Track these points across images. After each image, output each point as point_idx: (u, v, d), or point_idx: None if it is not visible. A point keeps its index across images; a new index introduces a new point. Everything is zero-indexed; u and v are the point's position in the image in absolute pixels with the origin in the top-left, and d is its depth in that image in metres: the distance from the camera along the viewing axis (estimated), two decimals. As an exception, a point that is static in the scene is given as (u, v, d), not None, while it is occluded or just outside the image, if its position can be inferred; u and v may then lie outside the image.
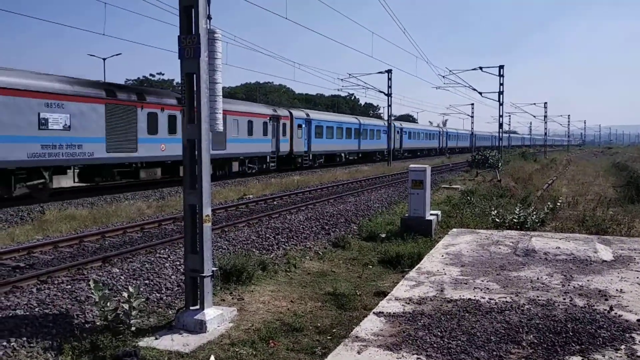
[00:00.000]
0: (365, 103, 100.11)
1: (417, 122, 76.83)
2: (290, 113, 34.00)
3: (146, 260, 9.42)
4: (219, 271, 8.10)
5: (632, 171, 34.82)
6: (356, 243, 11.95)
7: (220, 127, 6.78)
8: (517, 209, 13.15)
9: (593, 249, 8.73)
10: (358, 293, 7.98)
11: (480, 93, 41.95)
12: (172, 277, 8.61)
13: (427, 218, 12.44)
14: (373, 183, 26.24)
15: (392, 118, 48.29)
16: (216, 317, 6.46)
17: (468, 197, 18.53)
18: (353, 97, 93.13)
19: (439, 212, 13.77)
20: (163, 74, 67.57)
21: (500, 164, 32.76)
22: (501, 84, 39.42)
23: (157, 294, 7.80)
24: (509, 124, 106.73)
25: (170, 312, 7.05)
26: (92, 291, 6.20)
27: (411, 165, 13.26)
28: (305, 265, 9.87)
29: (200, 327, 6.28)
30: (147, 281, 8.32)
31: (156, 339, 6.05)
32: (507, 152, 56.02)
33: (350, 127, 42.31)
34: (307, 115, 36.37)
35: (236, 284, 8.14)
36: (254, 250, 10.80)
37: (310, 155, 36.38)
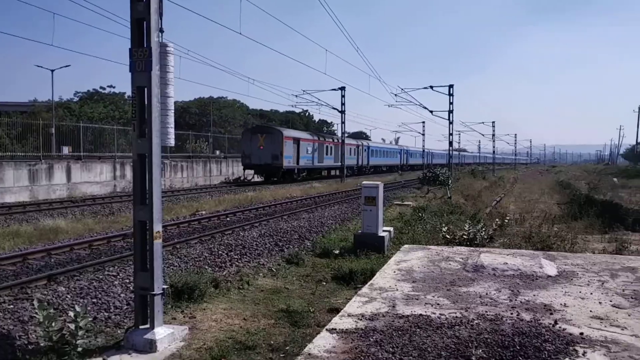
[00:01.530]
0: (319, 119, 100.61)
1: (370, 139, 79.09)
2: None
3: (94, 278, 9.14)
4: (170, 289, 7.92)
5: (575, 189, 36.19)
6: (310, 259, 11.93)
7: (172, 142, 6.69)
8: (467, 226, 13.44)
9: (539, 265, 8.98)
10: (311, 310, 7.95)
11: (431, 111, 42.83)
12: (122, 295, 8.38)
13: (379, 234, 12.55)
14: (327, 200, 26.34)
15: (346, 135, 48.75)
16: (167, 336, 6.31)
17: (419, 214, 18.83)
18: (307, 114, 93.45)
19: (391, 229, 13.93)
20: (114, 87, 66.13)
21: (450, 182, 33.42)
22: (451, 103, 40.36)
23: (106, 313, 7.57)
24: (459, 142, 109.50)
25: (119, 331, 6.85)
26: (36, 311, 5.95)
27: (364, 182, 13.39)
28: (259, 283, 9.78)
29: (150, 347, 6.11)
30: (94, 300, 8.07)
31: (104, 359, 5.85)
32: (457, 169, 57.26)
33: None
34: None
35: (188, 302, 7.99)
36: (207, 267, 10.64)
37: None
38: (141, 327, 6.40)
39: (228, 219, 18.25)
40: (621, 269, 8.90)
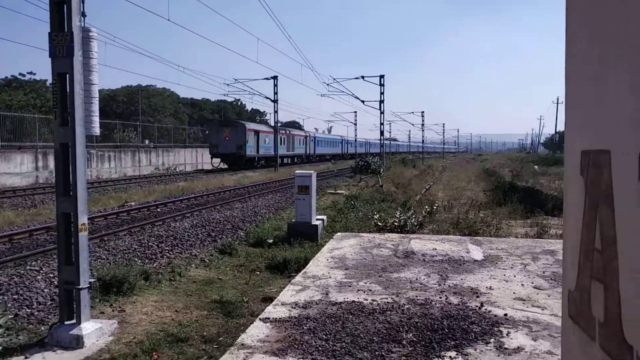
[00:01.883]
0: (252, 109, 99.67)
1: (303, 129, 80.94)
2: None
3: (15, 274, 8.70)
4: (98, 282, 7.66)
5: (499, 177, 37.68)
6: (243, 249, 11.85)
7: (97, 130, 6.43)
8: (398, 213, 13.73)
9: (466, 250, 9.30)
10: (245, 300, 7.90)
11: (363, 101, 43.30)
12: (45, 290, 8.02)
13: (313, 223, 12.62)
14: (260, 189, 26.20)
15: (279, 124, 48.62)
16: (94, 331, 6.10)
17: (352, 202, 19.06)
18: (240, 103, 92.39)
19: (324, 217, 14.02)
20: (34, 74, 62.76)
21: (381, 170, 34.02)
22: (382, 93, 40.85)
23: (28, 310, 7.22)
24: (390, 132, 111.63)
25: (42, 328, 6.55)
26: (-50, 310, 5.60)
27: (297, 171, 13.40)
28: (191, 274, 9.62)
29: (76, 343, 5.89)
30: (15, 296, 7.68)
31: (26, 357, 5.59)
32: (388, 158, 58.36)
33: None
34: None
35: (117, 296, 7.75)
36: (136, 259, 10.35)
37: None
38: (67, 322, 6.16)
39: (159, 209, 17.82)
40: (542, 252, 9.36)
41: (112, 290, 7.80)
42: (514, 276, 7.57)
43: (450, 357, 4.64)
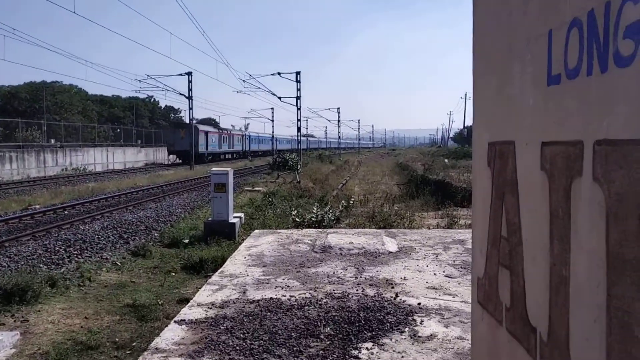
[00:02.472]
0: (166, 106, 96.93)
1: (219, 126, 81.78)
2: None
3: None
4: (-3, 292, 7.14)
5: (412, 170, 38.84)
6: (158, 251, 11.47)
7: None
8: (315, 208, 13.80)
9: (381, 242, 9.48)
10: (160, 302, 7.65)
11: (279, 98, 43.26)
12: (-63, 303, 7.37)
13: (230, 221, 12.43)
14: (175, 188, 25.53)
15: (194, 121, 47.65)
16: (-7, 344, 5.67)
17: (270, 199, 18.97)
18: (153, 100, 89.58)
19: (242, 215, 13.85)
20: None
21: (299, 166, 34.12)
22: (298, 90, 41.03)
23: None
24: (307, 128, 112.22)
25: None
26: None
27: (213, 169, 13.14)
28: (102, 278, 9.18)
29: (-27, 358, 5.46)
30: None
31: None
32: (305, 154, 58.67)
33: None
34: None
35: (19, 305, 7.25)
36: (41, 265, 9.77)
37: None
38: (-38, 337, 5.68)
39: (66, 212, 16.91)
40: (452, 242, 9.72)
41: (14, 300, 7.30)
42: (427, 266, 7.80)
43: (367, 348, 4.70)
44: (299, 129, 43.12)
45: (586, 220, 1.30)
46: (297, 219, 13.32)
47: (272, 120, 79.29)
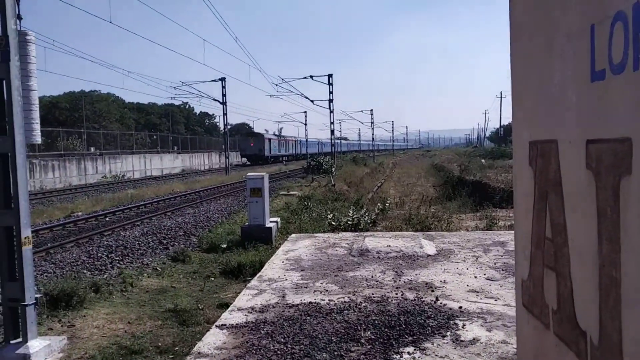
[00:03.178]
0: (201, 112, 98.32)
1: (253, 130, 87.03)
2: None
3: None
4: (45, 297, 7.36)
5: (448, 172, 38.44)
6: (196, 256, 11.64)
7: (38, 139, 6.18)
8: (351, 212, 13.79)
9: (419, 245, 9.41)
10: (200, 307, 7.76)
11: (312, 101, 43.39)
12: (-13, 309, 7.65)
13: (267, 225, 12.52)
14: (212, 193, 25.87)
15: (228, 127, 48.18)
16: (43, 348, 5.85)
17: (305, 203, 19.04)
18: (187, 106, 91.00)
19: (278, 219, 13.95)
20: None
21: (333, 169, 34.15)
22: (331, 92, 41.07)
23: (-31, 331, 6.87)
24: (340, 131, 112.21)
25: (-15, 349, 6.23)
26: None
27: (249, 174, 13.28)
28: (143, 283, 9.38)
29: (23, 362, 5.64)
30: (-45, 317, 7.29)
31: (-32, 381, 5.31)
32: (339, 157, 58.70)
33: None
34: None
35: (66, 310, 7.46)
36: (85, 271, 10.03)
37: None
38: (12, 342, 5.88)
39: (107, 219, 17.33)
40: (492, 243, 9.57)
41: (61, 305, 7.52)
42: (467, 269, 7.71)
43: (408, 352, 4.67)
44: (332, 132, 43.13)
45: (636, 219, 1.27)
46: (333, 223, 13.34)
47: (305, 124, 79.53)
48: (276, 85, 43.15)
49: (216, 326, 5.58)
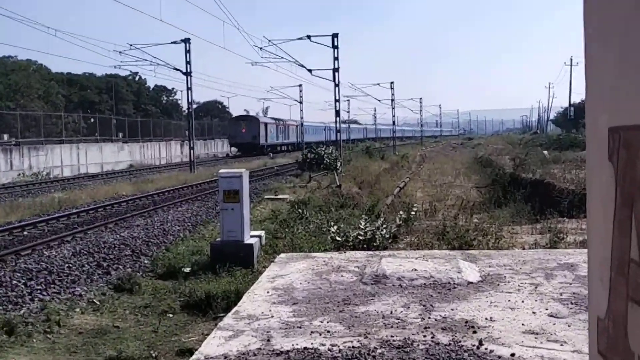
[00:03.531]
0: (156, 86, 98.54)
1: (228, 109, 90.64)
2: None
3: None
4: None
5: (498, 168, 38.45)
6: (149, 284, 11.67)
7: None
8: (363, 223, 13.79)
9: (456, 269, 9.41)
10: (154, 355, 7.77)
11: (310, 70, 43.45)
12: None
13: (246, 242, 12.54)
14: (171, 197, 25.92)
15: (194, 106, 48.18)
16: None
17: (300, 210, 19.03)
18: (138, 78, 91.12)
19: (262, 233, 13.96)
20: None
21: (338, 165, 34.18)
22: (336, 59, 40.94)
23: None
24: (348, 111, 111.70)
25: None
26: None
27: (221, 171, 13.29)
28: (75, 322, 9.38)
29: None
30: None
31: None
32: (346, 147, 58.83)
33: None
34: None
35: (-35, 360, 7.48)
36: (-6, 305, 10.03)
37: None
38: None
39: (25, 233, 17.35)
40: (557, 266, 9.58)
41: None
42: (522, 301, 7.71)
43: (441, 417, 4.67)
44: (337, 113, 42.92)
45: None
46: (338, 238, 13.33)
47: (301, 102, 79.54)
48: (261, 49, 42.87)
49: (175, 381, 5.59)
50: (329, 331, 6.77)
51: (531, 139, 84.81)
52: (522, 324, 6.81)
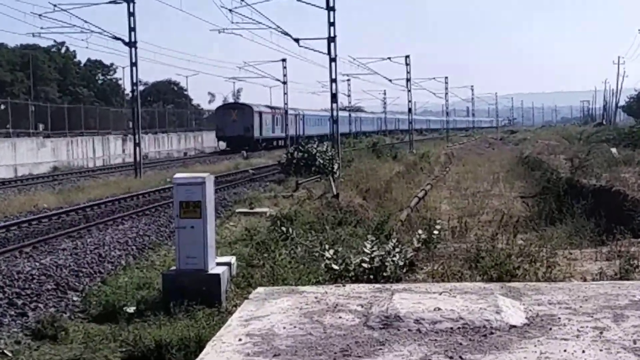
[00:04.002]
0: (89, 60, 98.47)
1: (186, 92, 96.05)
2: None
3: None
4: None
5: (549, 171, 38.43)
6: (79, 328, 11.64)
7: None
8: (369, 246, 13.78)
9: (494, 307, 9.41)
10: None
11: (297, 40, 43.39)
12: None
13: (211, 271, 12.51)
14: (110, 212, 25.94)
15: (140, 87, 48.14)
16: None
17: (283, 229, 19.00)
18: (65, 50, 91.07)
19: (232, 259, 13.96)
20: None
21: (335, 167, 34.18)
22: (332, 24, 40.68)
23: None
24: (349, 95, 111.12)
25: None
26: None
27: (177, 175, 13.26)
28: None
29: None
30: None
31: None
32: (347, 143, 58.85)
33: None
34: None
35: None
36: None
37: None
38: None
39: None
40: (630, 304, 9.57)
41: None
42: (583, 351, 7.71)
43: None
44: (334, 96, 42.72)
45: None
46: (336, 266, 13.30)
47: (285, 83, 79.65)
48: (230, 11, 42.53)
49: None
50: (322, 393, 6.77)
51: (595, 132, 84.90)
52: (583, 383, 6.82)
